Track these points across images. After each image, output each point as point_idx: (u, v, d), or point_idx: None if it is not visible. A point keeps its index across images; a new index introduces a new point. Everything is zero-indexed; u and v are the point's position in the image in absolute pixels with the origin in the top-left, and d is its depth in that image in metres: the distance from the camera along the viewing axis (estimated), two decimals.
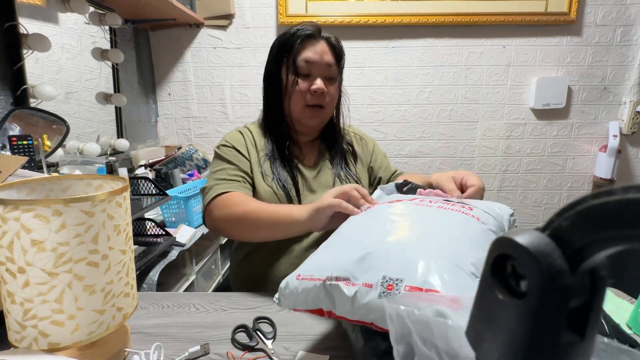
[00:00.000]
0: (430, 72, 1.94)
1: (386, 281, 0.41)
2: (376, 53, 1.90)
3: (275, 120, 0.87)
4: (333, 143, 0.92)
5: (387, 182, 0.89)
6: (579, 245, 0.16)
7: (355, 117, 1.97)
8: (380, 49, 1.90)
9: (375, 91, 1.95)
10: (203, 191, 0.83)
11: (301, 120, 0.85)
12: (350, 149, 0.95)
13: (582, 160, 2.02)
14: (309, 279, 0.47)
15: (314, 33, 0.81)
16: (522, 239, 0.17)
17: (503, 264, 0.18)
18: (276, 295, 0.50)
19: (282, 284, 0.50)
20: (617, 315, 0.62)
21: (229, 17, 1.91)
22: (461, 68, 1.93)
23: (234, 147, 0.85)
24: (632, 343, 0.48)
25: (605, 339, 0.30)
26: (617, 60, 1.91)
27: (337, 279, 0.45)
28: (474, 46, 1.91)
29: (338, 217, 0.63)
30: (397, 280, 0.41)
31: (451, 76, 1.94)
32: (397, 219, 0.52)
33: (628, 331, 0.57)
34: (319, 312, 0.47)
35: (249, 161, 0.84)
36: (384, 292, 0.41)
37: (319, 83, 0.80)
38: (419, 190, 0.67)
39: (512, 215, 0.60)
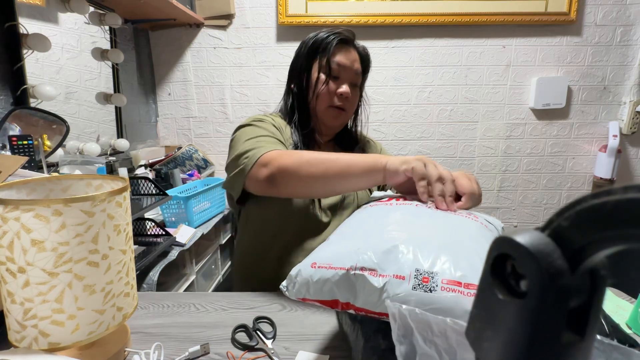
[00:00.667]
0: (430, 72, 1.94)
1: (420, 274, 0.41)
2: (376, 53, 1.90)
3: (301, 115, 0.87)
4: (347, 146, 0.94)
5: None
6: (579, 245, 0.16)
7: None
8: (380, 49, 1.90)
9: (375, 91, 1.95)
10: (237, 160, 0.75)
11: (323, 119, 0.86)
12: (362, 152, 0.96)
13: (582, 160, 2.02)
14: (328, 267, 0.45)
15: (349, 39, 0.85)
16: (522, 238, 0.17)
17: (503, 263, 0.18)
18: (284, 283, 0.48)
19: (293, 272, 0.47)
20: (617, 315, 0.62)
21: (229, 17, 1.92)
22: (461, 68, 1.93)
23: (272, 123, 0.84)
24: (632, 343, 0.48)
25: (598, 337, 0.31)
26: (617, 60, 1.91)
27: (362, 269, 0.43)
28: (474, 46, 1.91)
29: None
30: (432, 273, 0.40)
31: (451, 76, 1.94)
32: (415, 218, 0.52)
33: (628, 331, 0.57)
34: (332, 304, 0.45)
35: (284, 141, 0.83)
36: (419, 285, 0.40)
37: (345, 87, 0.83)
38: None
39: (503, 228, 0.61)
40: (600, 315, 0.18)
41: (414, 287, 0.40)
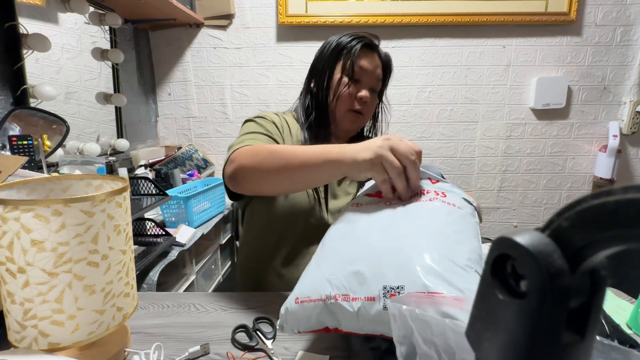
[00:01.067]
0: (430, 72, 1.94)
1: (387, 291, 0.41)
2: None
3: (318, 116, 0.85)
4: None
5: None
6: (579, 246, 0.16)
7: None
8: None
9: None
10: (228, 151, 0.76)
11: (341, 121, 0.85)
12: None
13: (582, 160, 2.02)
14: (308, 301, 0.46)
15: (373, 45, 0.85)
16: (522, 239, 0.17)
17: (503, 264, 0.18)
18: (278, 322, 0.50)
19: (282, 309, 0.49)
20: (617, 315, 0.62)
21: (229, 17, 1.92)
22: (461, 68, 1.93)
23: (273, 122, 0.84)
24: (632, 343, 0.48)
25: (597, 337, 0.31)
26: (617, 60, 1.91)
27: (336, 297, 0.44)
28: (474, 46, 1.91)
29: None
30: (398, 288, 0.41)
31: (451, 76, 1.94)
32: (380, 224, 0.50)
33: (628, 331, 0.57)
34: (325, 330, 0.46)
35: (283, 141, 0.83)
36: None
37: (365, 92, 0.83)
38: None
39: (473, 201, 0.57)
40: (600, 316, 0.18)
41: (385, 307, 0.40)
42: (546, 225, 0.17)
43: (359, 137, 0.94)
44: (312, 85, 0.87)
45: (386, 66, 0.88)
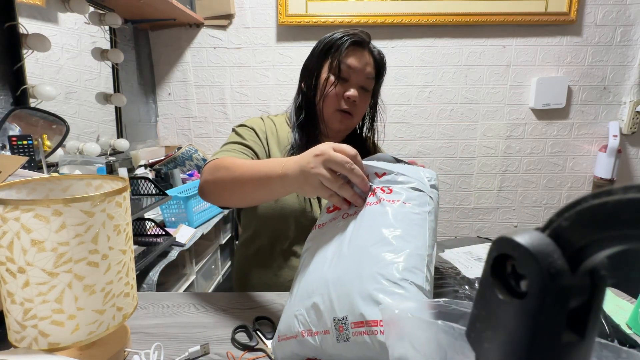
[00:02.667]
0: (430, 72, 1.94)
1: (336, 323, 0.41)
2: None
3: (307, 116, 0.85)
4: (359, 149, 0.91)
5: None
6: (579, 245, 0.16)
7: None
8: (380, 49, 1.90)
9: None
10: None
11: (329, 122, 0.85)
12: None
13: (582, 160, 2.02)
14: (286, 339, 0.47)
15: (362, 42, 0.82)
16: (522, 239, 0.17)
17: (503, 263, 0.18)
18: (272, 357, 0.52)
19: (271, 346, 0.52)
20: (617, 315, 0.62)
21: (229, 17, 1.91)
22: (461, 68, 1.93)
23: (252, 129, 0.85)
24: (632, 343, 0.48)
25: None
26: (617, 60, 1.91)
27: (302, 333, 0.45)
28: (474, 46, 1.91)
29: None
30: (343, 319, 0.41)
31: (451, 76, 1.94)
32: (331, 250, 0.49)
33: (628, 331, 0.57)
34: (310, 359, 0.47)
35: (264, 147, 0.83)
36: (339, 336, 0.41)
37: (353, 91, 0.80)
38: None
39: (431, 178, 0.53)
40: (600, 316, 0.18)
41: (338, 339, 0.41)
42: (546, 225, 0.17)
43: (355, 137, 0.93)
44: (303, 85, 0.87)
45: (379, 64, 0.85)
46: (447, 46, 1.91)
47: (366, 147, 0.93)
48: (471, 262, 0.61)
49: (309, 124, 0.85)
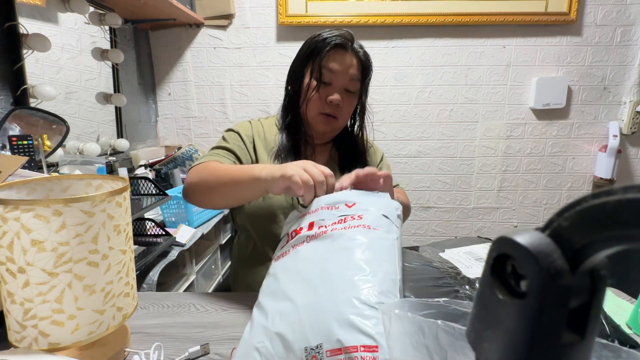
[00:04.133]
0: (430, 72, 1.94)
1: (309, 353, 0.40)
2: (376, 53, 1.90)
3: (292, 118, 0.86)
4: (346, 151, 0.91)
5: None
6: (579, 245, 0.16)
7: None
8: (380, 49, 1.90)
9: (375, 91, 1.95)
10: None
11: (313, 125, 0.85)
12: (362, 158, 0.94)
13: (582, 160, 2.02)
14: None
15: (345, 43, 0.80)
16: (522, 238, 0.17)
17: (503, 263, 0.18)
18: None
19: None
20: (617, 315, 0.62)
21: (229, 17, 1.92)
22: (461, 68, 1.93)
23: (238, 133, 0.85)
24: (633, 343, 0.48)
25: None
26: (617, 60, 1.91)
27: None
28: (474, 46, 1.91)
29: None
30: (317, 347, 0.39)
31: (451, 76, 1.95)
32: (298, 276, 0.48)
33: (628, 331, 0.57)
34: None
35: (249, 151, 0.84)
36: None
37: (336, 95, 0.80)
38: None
39: (397, 209, 0.56)
40: (600, 316, 0.18)
41: None
42: (546, 225, 0.17)
43: (343, 135, 0.91)
44: (289, 87, 0.87)
45: (364, 64, 0.83)
46: (447, 46, 1.91)
47: (357, 146, 0.93)
48: (471, 261, 0.61)
49: (295, 126, 0.85)
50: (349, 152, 0.91)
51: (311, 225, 0.54)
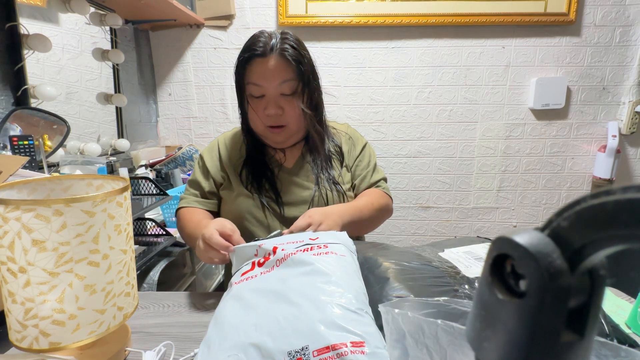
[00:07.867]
0: (430, 72, 1.94)
1: (293, 356, 0.41)
2: (376, 53, 1.90)
3: (249, 131, 0.87)
4: (315, 146, 0.88)
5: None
6: (578, 245, 0.16)
7: (355, 117, 1.97)
8: (380, 49, 1.90)
9: (375, 91, 1.95)
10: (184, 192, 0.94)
11: (265, 138, 0.84)
12: (338, 149, 0.91)
13: (581, 160, 2.02)
14: None
15: (263, 51, 0.74)
16: (521, 238, 0.17)
17: (502, 263, 0.18)
18: None
19: None
20: (617, 315, 0.62)
21: (229, 17, 1.92)
22: (461, 68, 1.94)
23: (203, 164, 0.91)
24: (632, 343, 0.48)
25: None
26: (616, 61, 1.91)
27: None
28: (474, 46, 1.91)
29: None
30: (302, 349, 0.40)
31: (451, 76, 1.95)
32: (262, 295, 0.51)
33: (627, 331, 0.57)
34: None
35: (219, 171, 0.88)
36: None
37: (270, 109, 0.76)
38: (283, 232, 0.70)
39: (353, 244, 0.63)
40: (599, 315, 0.18)
41: None
42: (545, 225, 0.17)
43: (314, 133, 0.86)
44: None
45: (294, 58, 0.75)
46: (446, 47, 1.92)
47: (327, 135, 0.91)
48: (471, 261, 0.61)
49: (251, 137, 0.87)
50: (318, 147, 0.88)
51: (275, 250, 0.58)
